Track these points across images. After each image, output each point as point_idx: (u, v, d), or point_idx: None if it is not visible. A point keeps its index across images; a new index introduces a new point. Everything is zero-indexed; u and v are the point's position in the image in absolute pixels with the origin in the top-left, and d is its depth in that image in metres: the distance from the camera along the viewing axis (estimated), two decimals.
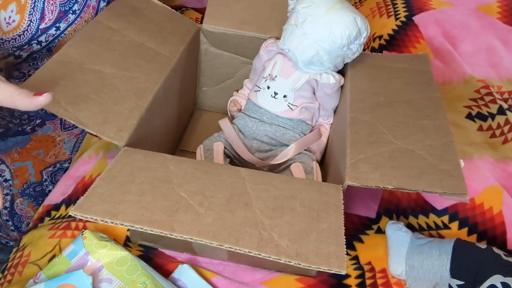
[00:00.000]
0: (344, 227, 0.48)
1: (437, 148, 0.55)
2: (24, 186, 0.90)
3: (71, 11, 0.71)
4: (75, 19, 0.72)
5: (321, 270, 0.43)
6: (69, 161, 0.95)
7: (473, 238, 0.65)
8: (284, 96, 0.70)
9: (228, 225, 0.46)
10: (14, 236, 0.93)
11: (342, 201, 0.51)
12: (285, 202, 0.50)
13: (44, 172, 0.92)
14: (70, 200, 0.71)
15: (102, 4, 0.78)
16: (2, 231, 0.92)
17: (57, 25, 0.71)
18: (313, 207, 0.50)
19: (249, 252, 0.44)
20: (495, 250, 0.58)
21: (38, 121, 0.85)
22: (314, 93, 0.70)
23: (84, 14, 0.72)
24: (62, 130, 0.90)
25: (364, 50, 0.86)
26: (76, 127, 0.91)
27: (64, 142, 0.92)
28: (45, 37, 0.70)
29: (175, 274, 0.58)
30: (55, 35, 0.71)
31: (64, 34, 0.72)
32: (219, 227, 0.46)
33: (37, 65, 0.76)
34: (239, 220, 0.47)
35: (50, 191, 0.80)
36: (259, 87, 0.72)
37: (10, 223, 0.91)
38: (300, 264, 0.43)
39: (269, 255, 0.44)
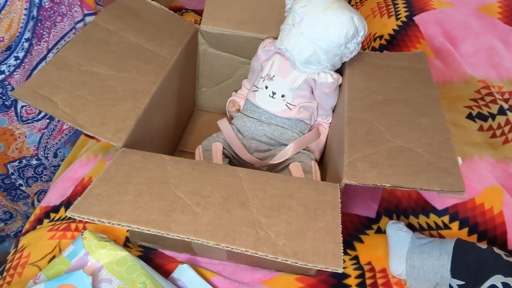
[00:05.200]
0: (341, 226, 0.47)
1: (434, 146, 0.55)
2: None
3: None
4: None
5: (317, 268, 0.43)
6: (35, 157, 0.92)
7: (473, 238, 0.65)
8: (282, 96, 0.70)
9: (225, 225, 0.46)
10: None
11: (340, 200, 0.51)
12: (282, 201, 0.50)
13: (9, 165, 0.90)
14: (69, 202, 0.71)
15: None
16: None
17: None
18: (310, 206, 0.50)
19: (245, 251, 0.44)
20: (496, 250, 0.58)
21: None
22: (312, 93, 0.70)
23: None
24: (20, 122, 0.87)
25: (364, 49, 0.86)
26: (38, 120, 0.89)
27: (25, 136, 0.89)
28: None
29: (175, 274, 0.58)
30: None
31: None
32: (215, 226, 0.46)
33: None
34: (236, 219, 0.47)
35: (21, 185, 0.79)
36: (257, 87, 0.72)
37: None
38: (296, 263, 0.43)
39: (266, 254, 0.44)
